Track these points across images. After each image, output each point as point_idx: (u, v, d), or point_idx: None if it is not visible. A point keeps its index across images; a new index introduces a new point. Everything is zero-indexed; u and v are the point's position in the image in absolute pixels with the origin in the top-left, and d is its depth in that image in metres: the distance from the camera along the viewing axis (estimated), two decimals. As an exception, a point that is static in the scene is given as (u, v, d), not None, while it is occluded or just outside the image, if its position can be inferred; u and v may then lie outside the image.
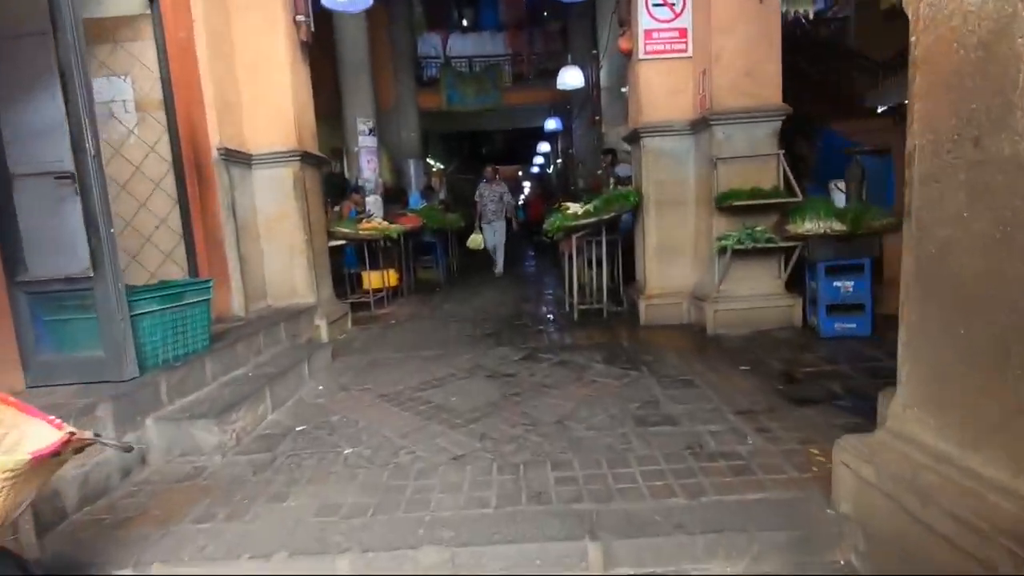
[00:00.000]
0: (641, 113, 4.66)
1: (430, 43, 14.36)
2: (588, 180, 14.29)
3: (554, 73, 15.28)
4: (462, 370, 3.73)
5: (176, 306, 2.92)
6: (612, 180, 7.93)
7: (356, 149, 9.06)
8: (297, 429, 2.84)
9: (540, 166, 26.83)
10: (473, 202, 9.06)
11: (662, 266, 4.78)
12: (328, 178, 12.78)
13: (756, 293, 4.31)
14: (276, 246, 4.73)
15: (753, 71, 4.13)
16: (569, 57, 9.01)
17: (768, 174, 4.22)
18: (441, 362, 3.96)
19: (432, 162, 16.38)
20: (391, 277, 6.98)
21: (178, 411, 2.63)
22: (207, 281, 3.15)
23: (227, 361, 3.25)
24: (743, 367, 3.42)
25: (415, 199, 10.83)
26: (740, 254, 4.13)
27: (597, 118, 9.12)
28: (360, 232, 5.94)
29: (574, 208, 6.12)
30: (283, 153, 4.61)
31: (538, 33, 14.83)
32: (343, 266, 7.01)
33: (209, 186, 4.13)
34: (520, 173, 40.87)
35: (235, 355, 3.35)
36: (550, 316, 5.60)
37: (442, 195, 18.13)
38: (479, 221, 8.82)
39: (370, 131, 9.15)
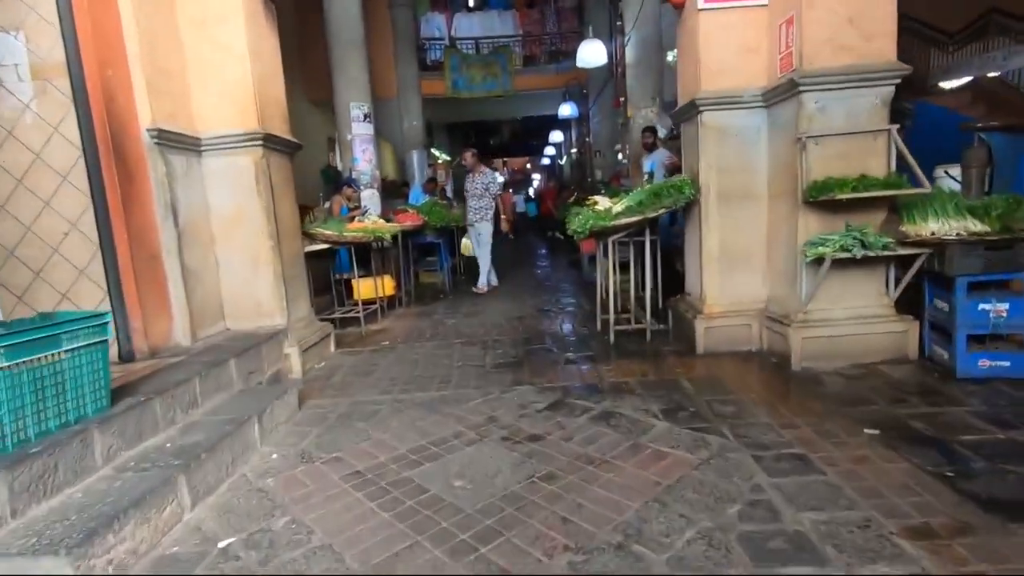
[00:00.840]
0: (700, 80, 3.63)
1: (434, 23, 13.35)
2: (607, 171, 13.26)
3: (569, 55, 14.24)
4: (469, 426, 2.75)
5: (45, 357, 1.97)
6: (646, 175, 6.92)
7: (349, 137, 8.09)
8: (220, 546, 1.89)
9: (551, 157, 25.78)
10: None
11: (725, 276, 3.77)
12: (324, 171, 11.89)
13: (856, 315, 3.30)
14: (235, 254, 3.78)
15: (858, 17, 3.10)
16: (591, 29, 7.94)
17: (874, 157, 3.19)
18: (441, 412, 2.98)
19: (436, 152, 15.40)
20: (386, 285, 6.02)
21: (20, 535, 1.68)
22: (100, 316, 2.19)
23: (134, 429, 2.29)
24: (869, 430, 2.42)
25: (416, 194, 9.88)
26: (837, 264, 3.12)
27: (622, 99, 8.10)
28: (345, 234, 4.96)
29: (604, 203, 5.13)
30: (241, 136, 3.65)
31: (551, 11, 13.76)
32: (334, 270, 6.08)
33: (137, 179, 3.17)
34: (528, 165, 39.81)
35: (149, 417, 2.39)
36: (578, 337, 4.60)
37: (448, 189, 17.21)
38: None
39: (365, 117, 8.18)
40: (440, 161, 16.27)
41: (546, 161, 29.14)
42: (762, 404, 2.80)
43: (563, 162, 22.57)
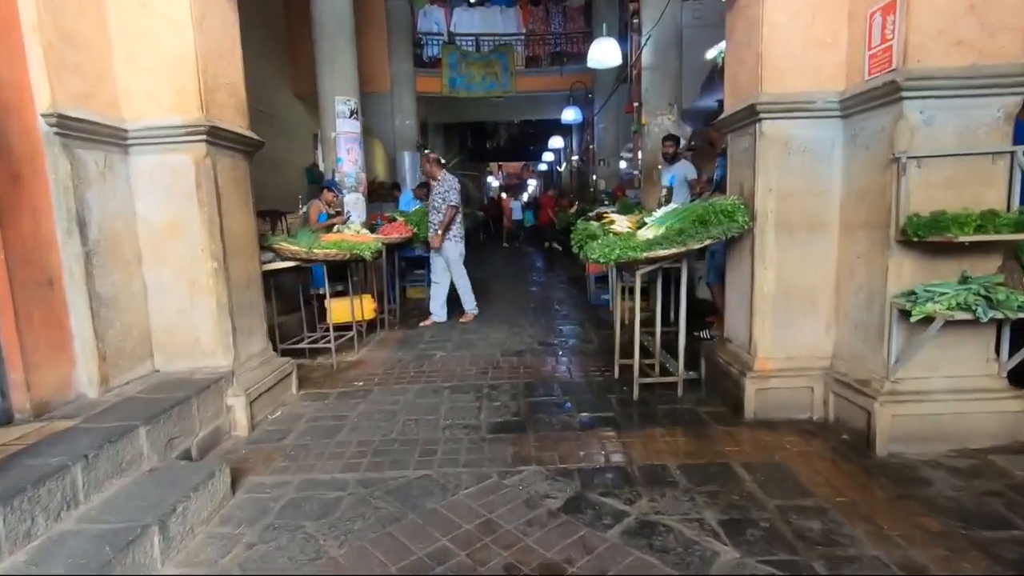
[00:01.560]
0: (761, 81, 2.92)
1: (432, 17, 12.63)
2: (611, 181, 12.59)
3: (574, 57, 13.58)
4: (459, 542, 2.00)
5: None
6: (664, 189, 6.23)
7: (333, 135, 7.33)
8: None
9: (549, 164, 25.13)
10: (485, 205, 7.24)
11: (781, 324, 3.06)
12: (309, 170, 11.11)
13: (957, 387, 2.59)
14: (168, 277, 3.01)
15: (982, 4, 2.40)
16: (604, 28, 7.26)
17: (991, 187, 2.50)
18: (422, 510, 2.23)
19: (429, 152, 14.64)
20: (365, 307, 5.26)
21: None
22: None
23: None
24: (1032, 580, 1.70)
25: (407, 199, 9.10)
26: (930, 322, 2.41)
27: (635, 104, 7.43)
28: (315, 250, 4.19)
29: (621, 222, 4.47)
30: (178, 128, 2.89)
31: (556, 10, 13.09)
32: (308, 285, 5.31)
33: (26, 180, 2.40)
34: (524, 170, 39.15)
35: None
36: (592, 387, 3.85)
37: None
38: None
39: (352, 113, 7.42)
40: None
41: (543, 167, 28.50)
42: (858, 518, 2.07)
43: (562, 169, 21.91)
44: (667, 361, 3.78)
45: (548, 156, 22.39)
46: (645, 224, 3.90)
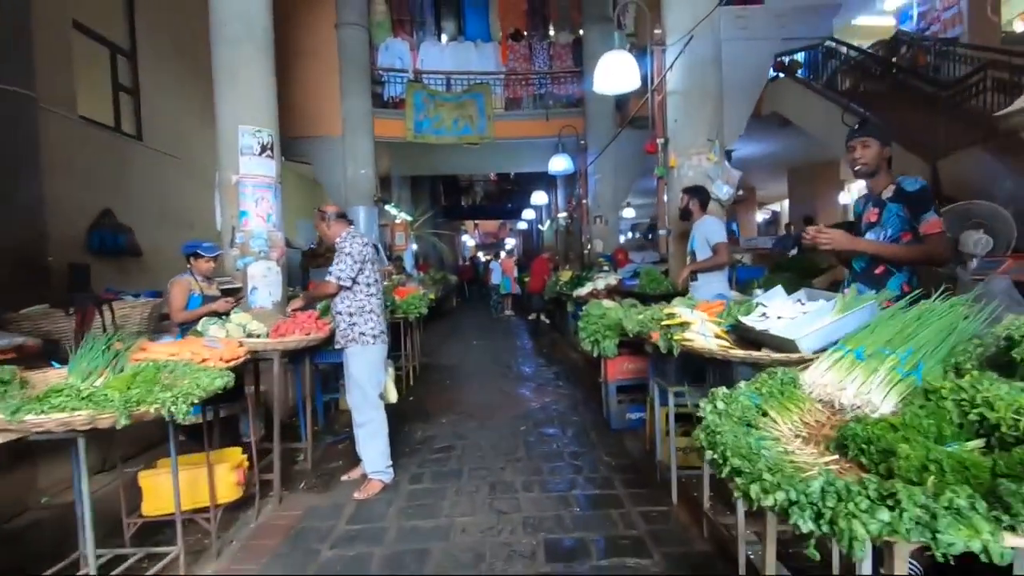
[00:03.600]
0: None
1: (395, 51, 10.91)
2: (608, 242, 10.64)
3: (562, 98, 11.98)
4: None
5: None
6: (690, 253, 4.29)
7: (235, 179, 5.17)
8: None
9: (530, 222, 23.42)
10: (461, 267, 5.12)
11: None
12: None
13: None
14: None
15: None
16: (615, 38, 5.40)
17: None
18: None
19: (393, 210, 12.60)
20: (223, 478, 2.91)
21: None
22: None
23: None
24: None
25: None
26: None
27: (661, 141, 5.51)
28: (24, 421, 1.85)
29: (702, 324, 2.40)
30: None
31: (541, 47, 11.53)
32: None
33: None
34: (499, 228, 37.62)
35: None
36: None
37: (408, 258, 14.34)
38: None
39: (263, 150, 5.31)
40: (398, 220, 13.48)
41: (523, 225, 26.85)
42: None
43: (544, 227, 20.13)
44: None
45: (529, 214, 20.67)
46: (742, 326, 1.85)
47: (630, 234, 20.58)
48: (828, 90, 8.64)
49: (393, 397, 3.96)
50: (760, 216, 20.82)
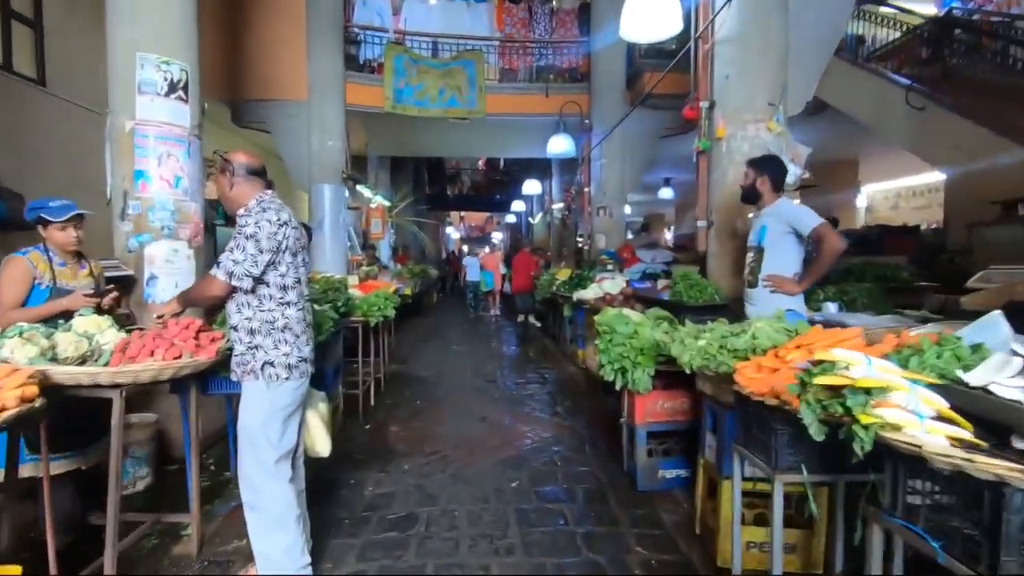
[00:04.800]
0: None
1: (373, 6, 9.49)
2: (613, 237, 9.37)
3: (565, 71, 10.65)
4: None
5: None
6: (751, 252, 3.02)
7: (128, 127, 3.78)
8: None
9: (519, 214, 22.11)
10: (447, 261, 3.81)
11: None
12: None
13: None
14: None
15: None
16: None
17: None
18: None
19: (366, 191, 11.19)
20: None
21: None
22: None
23: None
24: None
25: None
26: None
27: (701, 105, 4.24)
28: None
29: (903, 390, 0.79)
30: None
31: (542, 11, 10.20)
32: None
33: None
34: (486, 221, 36.24)
35: None
36: None
37: (384, 247, 12.93)
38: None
39: (173, 88, 3.92)
40: (373, 205, 12.07)
41: (511, 219, 25.54)
42: None
43: (535, 220, 18.84)
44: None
45: (518, 205, 19.35)
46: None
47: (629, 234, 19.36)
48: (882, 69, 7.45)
49: (323, 448, 2.64)
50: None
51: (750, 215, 4.22)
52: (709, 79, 4.36)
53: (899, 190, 14.30)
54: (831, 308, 3.77)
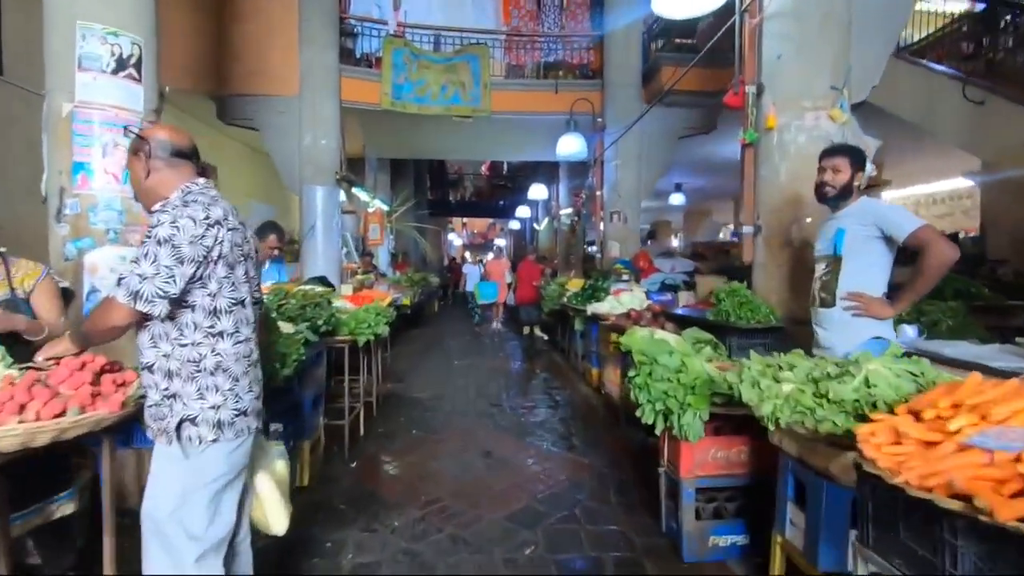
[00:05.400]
0: None
1: (371, -4, 8.91)
2: (627, 244, 8.73)
3: (575, 67, 10.03)
4: None
5: None
6: (824, 263, 2.36)
7: (66, 111, 3.15)
8: None
9: (524, 221, 21.50)
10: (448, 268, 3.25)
11: None
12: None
13: None
14: None
15: None
16: None
17: None
18: None
19: (363, 194, 10.57)
20: None
21: None
22: None
23: None
24: None
25: (274, 269, 4.96)
26: None
27: (750, 88, 3.60)
28: None
29: None
30: None
31: (552, 2, 9.60)
32: None
33: None
34: (489, 228, 35.62)
35: None
36: None
37: (383, 254, 12.31)
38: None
39: (121, 64, 3.30)
40: (371, 209, 11.46)
41: (515, 225, 24.92)
42: None
43: (540, 227, 18.21)
44: None
45: (523, 211, 18.73)
46: None
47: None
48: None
49: (279, 524, 1.98)
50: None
51: (807, 219, 3.58)
52: (757, 60, 3.72)
53: (919, 197, 13.68)
54: (909, 332, 3.12)
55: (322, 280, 6.78)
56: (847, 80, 3.49)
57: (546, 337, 10.06)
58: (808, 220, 3.49)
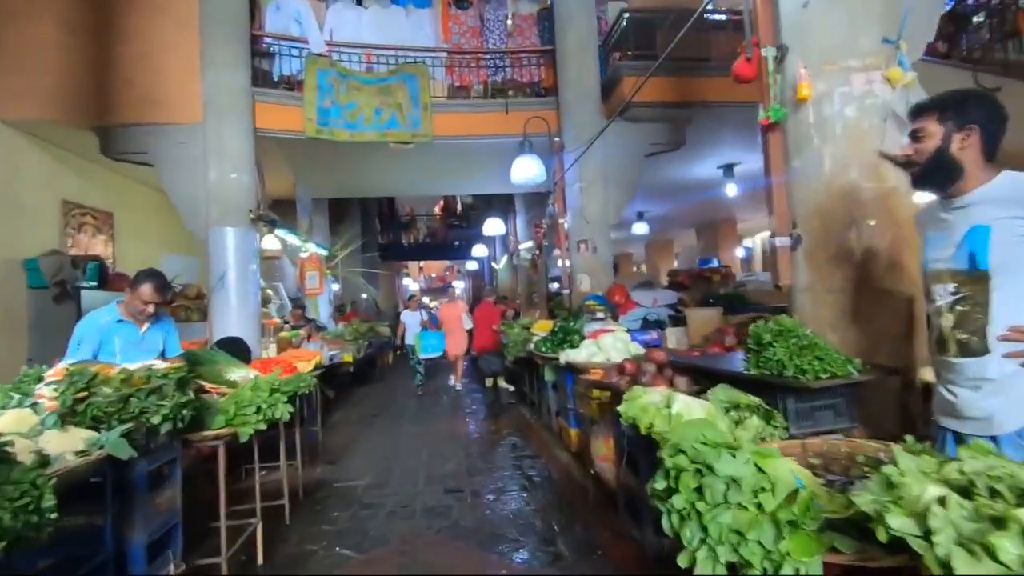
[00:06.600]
0: None
1: (289, 11, 7.85)
2: (599, 277, 7.67)
3: (526, 85, 9.15)
4: None
5: None
6: (951, 285, 1.19)
7: None
8: None
9: (480, 260, 20.45)
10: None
11: None
12: (29, 266, 4.92)
13: None
14: None
15: None
16: None
17: None
18: None
19: (295, 238, 9.27)
20: None
21: None
22: None
23: None
24: None
25: (156, 332, 3.55)
26: None
27: (767, 51, 2.65)
28: None
29: None
30: None
31: (495, 16, 8.77)
32: None
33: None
34: (446, 270, 34.44)
35: None
36: None
37: (322, 308, 10.93)
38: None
39: None
40: (306, 255, 10.13)
41: (473, 266, 23.85)
42: None
43: (499, 265, 17.15)
44: None
45: (480, 250, 17.65)
46: None
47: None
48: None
49: None
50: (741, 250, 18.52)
51: (870, 221, 2.55)
52: (773, 13, 2.75)
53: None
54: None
55: (235, 343, 5.46)
56: (903, 30, 2.55)
57: (511, 388, 8.80)
58: (872, 223, 2.47)
